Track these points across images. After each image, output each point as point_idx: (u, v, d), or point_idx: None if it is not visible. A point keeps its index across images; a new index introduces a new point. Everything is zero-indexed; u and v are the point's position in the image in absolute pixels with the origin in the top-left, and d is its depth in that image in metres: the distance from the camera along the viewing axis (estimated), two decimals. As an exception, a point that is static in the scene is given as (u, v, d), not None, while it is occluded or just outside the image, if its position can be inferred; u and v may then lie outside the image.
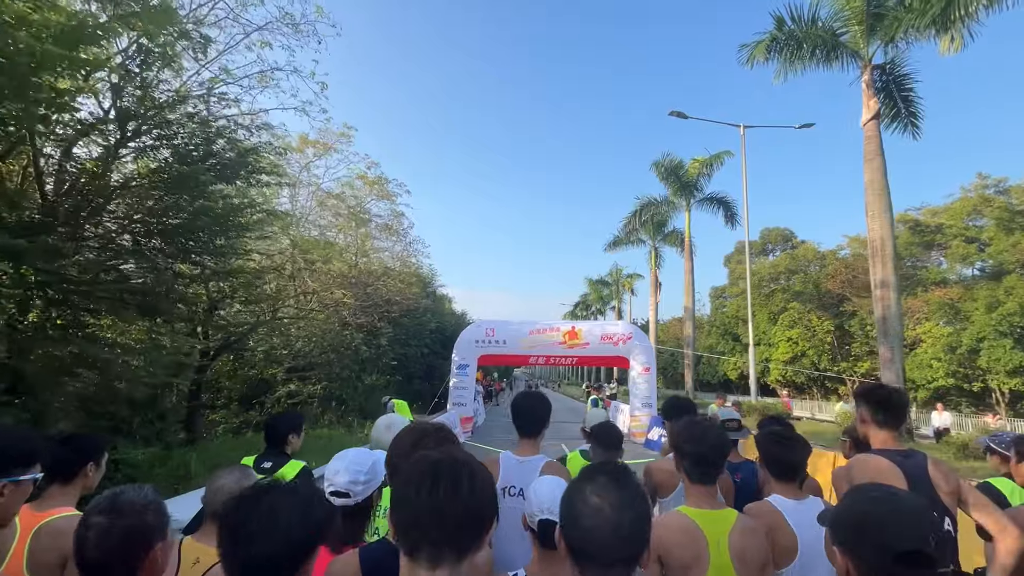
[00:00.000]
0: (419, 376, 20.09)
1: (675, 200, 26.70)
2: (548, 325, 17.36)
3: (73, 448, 1.93)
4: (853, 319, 32.08)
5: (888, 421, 2.21)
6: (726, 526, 1.73)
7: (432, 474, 1.00)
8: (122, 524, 1.23)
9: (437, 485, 0.98)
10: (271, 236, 13.32)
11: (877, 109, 12.44)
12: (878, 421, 2.22)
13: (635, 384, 16.71)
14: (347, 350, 14.31)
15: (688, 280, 25.66)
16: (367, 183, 19.53)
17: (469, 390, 17.14)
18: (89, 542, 1.21)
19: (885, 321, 12.25)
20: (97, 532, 1.21)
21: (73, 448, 1.93)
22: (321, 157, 18.42)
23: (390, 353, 15.29)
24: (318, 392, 14.09)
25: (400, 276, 16.45)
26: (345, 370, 14.54)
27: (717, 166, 25.30)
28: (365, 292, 14.59)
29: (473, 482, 1.02)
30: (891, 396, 2.26)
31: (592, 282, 54.97)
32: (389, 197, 22.07)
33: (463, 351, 17.13)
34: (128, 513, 1.25)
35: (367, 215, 19.45)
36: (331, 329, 14.24)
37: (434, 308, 22.31)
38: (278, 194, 13.56)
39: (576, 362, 17.92)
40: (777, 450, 2.15)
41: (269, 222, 9.95)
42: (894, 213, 12.82)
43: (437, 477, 1.00)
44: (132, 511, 1.26)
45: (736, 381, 51.20)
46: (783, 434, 2.25)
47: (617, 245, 32.87)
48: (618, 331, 17.11)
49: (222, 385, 15.94)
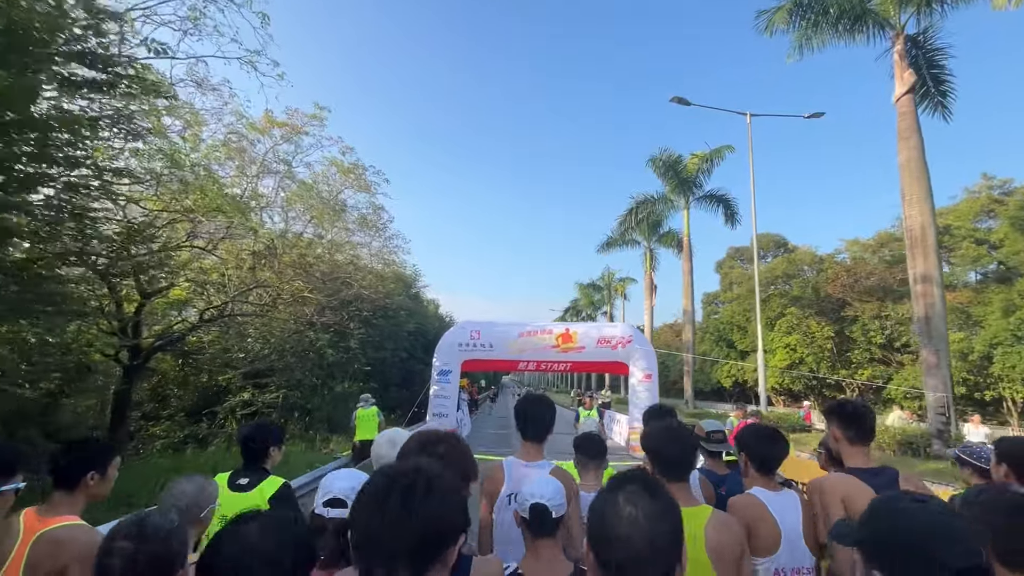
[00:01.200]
0: (396, 383, 18.25)
1: (673, 197, 25.30)
2: (540, 327, 15.69)
3: (74, 456, 1.91)
4: (855, 325, 30.84)
5: (858, 437, 2.22)
6: (701, 521, 1.77)
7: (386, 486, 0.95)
8: (147, 550, 1.22)
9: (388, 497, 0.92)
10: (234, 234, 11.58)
11: (912, 82, 11.05)
12: (848, 437, 2.23)
13: (635, 392, 15.08)
14: (310, 353, 12.50)
15: (687, 281, 24.21)
16: (341, 171, 17.77)
17: (451, 399, 15.38)
18: (114, 569, 1.19)
19: (928, 321, 10.73)
20: (123, 558, 1.20)
21: (74, 456, 1.91)
22: (290, 141, 16.63)
23: (361, 357, 13.47)
24: (276, 401, 12.24)
25: (372, 270, 14.72)
26: (309, 376, 12.71)
27: (717, 161, 23.99)
28: (333, 286, 12.81)
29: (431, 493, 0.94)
30: (858, 411, 2.27)
31: (583, 286, 53.38)
32: (367, 189, 20.35)
33: (445, 355, 15.39)
34: (153, 539, 1.24)
35: (342, 207, 17.68)
36: (292, 328, 12.43)
37: (414, 309, 20.49)
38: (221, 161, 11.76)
39: (570, 368, 16.23)
40: (760, 444, 2.28)
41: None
42: (934, 198, 11.33)
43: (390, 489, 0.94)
44: (157, 537, 1.25)
45: (730, 389, 49.94)
46: (765, 430, 2.39)
47: (611, 246, 31.40)
48: (617, 334, 15.47)
49: (169, 393, 14.03)
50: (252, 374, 13.23)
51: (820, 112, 18.48)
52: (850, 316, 31.35)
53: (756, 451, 2.28)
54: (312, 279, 12.00)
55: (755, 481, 2.25)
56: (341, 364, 13.15)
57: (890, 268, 29.78)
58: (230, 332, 13.10)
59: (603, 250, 31.40)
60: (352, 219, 20.49)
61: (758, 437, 2.33)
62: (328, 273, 12.83)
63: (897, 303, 28.39)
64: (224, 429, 12.89)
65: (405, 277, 24.05)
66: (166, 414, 13.17)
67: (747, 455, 2.32)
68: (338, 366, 13.14)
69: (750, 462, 2.30)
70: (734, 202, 24.76)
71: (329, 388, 13.81)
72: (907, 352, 27.73)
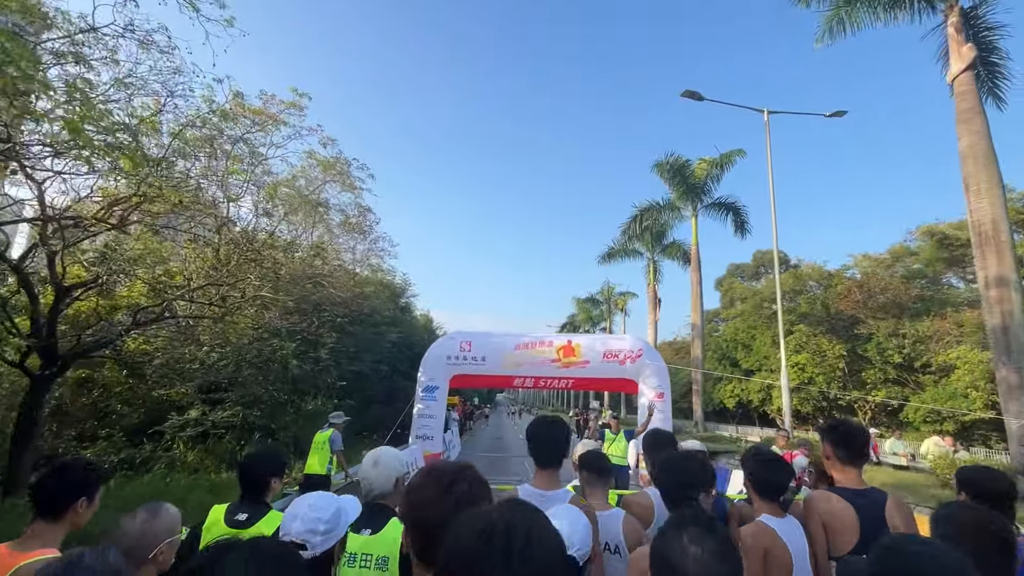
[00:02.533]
0: (379, 400, 16.39)
1: (680, 204, 23.84)
2: (539, 338, 13.98)
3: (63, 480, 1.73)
4: (869, 343, 29.20)
5: (849, 457, 2.23)
6: None
7: (485, 535, 0.85)
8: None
9: (489, 550, 0.83)
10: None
11: (972, 57, 9.59)
12: (839, 457, 2.25)
13: (646, 413, 13.30)
14: (273, 364, 10.73)
15: (695, 293, 22.59)
16: (322, 165, 16.15)
17: (438, 418, 13.57)
18: None
19: (1006, 332, 9.08)
20: None
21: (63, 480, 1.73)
22: (263, 130, 15.01)
23: (333, 370, 11.66)
24: (231, 420, 10.42)
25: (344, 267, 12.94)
26: (271, 391, 10.91)
27: (728, 167, 22.61)
28: (300, 288, 11.07)
29: (541, 545, 0.86)
30: (851, 432, 2.29)
31: (580, 301, 51.66)
32: (353, 189, 18.72)
33: (431, 369, 13.62)
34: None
35: (325, 205, 16.02)
36: (252, 335, 10.67)
37: (400, 319, 18.71)
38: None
39: (572, 385, 14.45)
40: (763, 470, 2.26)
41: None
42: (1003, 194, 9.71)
43: (490, 543, 0.84)
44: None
45: (733, 409, 48.03)
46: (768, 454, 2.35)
47: (612, 257, 29.85)
48: (625, 347, 13.75)
49: (112, 410, 12.16)
50: (207, 388, 11.42)
51: (842, 110, 17.12)
52: (863, 334, 29.72)
53: (759, 477, 2.26)
54: (276, 278, 10.27)
55: (762, 508, 2.22)
56: (309, 377, 11.35)
57: (906, 284, 28.28)
58: (184, 339, 11.31)
59: (604, 261, 29.83)
60: (336, 222, 18.89)
61: (761, 463, 2.30)
62: (296, 271, 11.09)
63: (914, 320, 26.84)
64: (171, 452, 11.06)
65: (393, 286, 22.34)
66: (104, 433, 11.32)
67: (751, 481, 2.30)
68: (306, 379, 11.33)
69: (753, 488, 2.28)
70: (744, 210, 23.29)
71: (297, 406, 11.98)
72: (927, 372, 26.07)
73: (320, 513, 1.49)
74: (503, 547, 0.82)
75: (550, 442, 2.33)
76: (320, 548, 1.47)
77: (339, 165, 16.22)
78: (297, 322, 11.00)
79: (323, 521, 1.48)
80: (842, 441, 2.26)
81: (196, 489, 8.95)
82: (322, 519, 1.48)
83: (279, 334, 10.96)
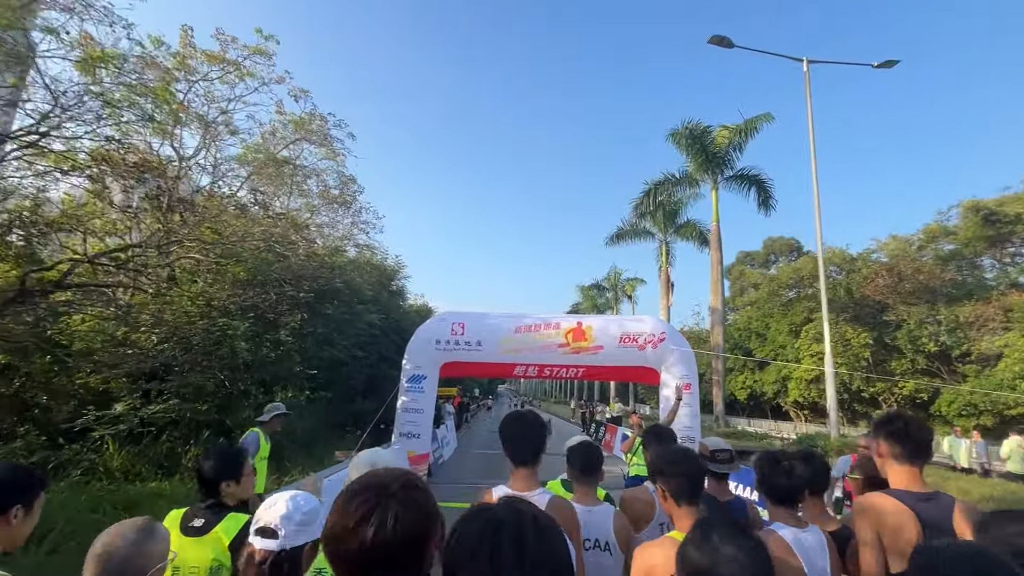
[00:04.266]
0: (360, 392, 14.41)
1: (698, 177, 21.65)
2: (543, 320, 11.95)
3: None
4: (899, 331, 27.07)
5: (908, 455, 1.95)
6: None
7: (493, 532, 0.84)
8: None
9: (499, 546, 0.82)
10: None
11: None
12: (896, 456, 1.97)
13: (670, 406, 11.28)
14: (221, 348, 8.75)
15: (716, 275, 20.48)
16: (294, 123, 14.06)
17: (426, 413, 11.61)
18: None
19: None
20: None
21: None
22: (221, 78, 12.94)
23: (295, 355, 9.66)
24: (165, 415, 8.46)
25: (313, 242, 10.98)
26: (219, 378, 8.93)
27: (752, 134, 20.35)
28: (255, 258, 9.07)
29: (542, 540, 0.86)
30: (910, 427, 1.99)
31: (584, 288, 49.47)
32: (334, 156, 16.64)
33: (418, 355, 11.64)
34: None
35: (291, 164, 13.96)
36: (193, 312, 8.69)
37: (388, 301, 16.67)
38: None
39: (583, 375, 12.42)
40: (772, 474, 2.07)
41: None
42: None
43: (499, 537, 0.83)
44: None
45: (744, 402, 46.08)
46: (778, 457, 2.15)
47: (621, 238, 27.67)
48: (645, 329, 11.70)
49: (37, 402, 10.22)
50: (147, 376, 9.46)
51: (893, 60, 14.91)
52: (892, 321, 27.61)
53: (768, 481, 2.08)
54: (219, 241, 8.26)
55: (776, 515, 2.04)
56: (267, 364, 9.36)
57: (942, 266, 26.09)
58: (118, 319, 9.33)
59: (612, 242, 27.67)
60: (315, 191, 16.85)
61: (770, 464, 2.10)
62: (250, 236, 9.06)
63: (952, 305, 24.68)
64: (100, 454, 9.12)
65: (382, 267, 20.29)
66: (23, 431, 9.39)
67: (760, 485, 2.12)
68: (263, 367, 9.35)
69: (763, 493, 2.10)
70: (769, 183, 21.10)
71: (256, 399, 10.01)
72: (967, 362, 23.95)
73: (300, 505, 1.37)
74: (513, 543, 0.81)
75: (523, 437, 2.17)
76: (290, 541, 1.32)
77: (314, 122, 14.18)
78: (250, 297, 9.01)
79: (302, 511, 1.36)
80: (901, 437, 1.94)
81: (103, 504, 7.02)
82: (301, 509, 1.36)
83: (229, 312, 8.98)
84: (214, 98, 12.95)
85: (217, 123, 12.67)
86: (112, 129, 8.58)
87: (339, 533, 0.87)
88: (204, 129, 12.37)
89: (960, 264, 25.86)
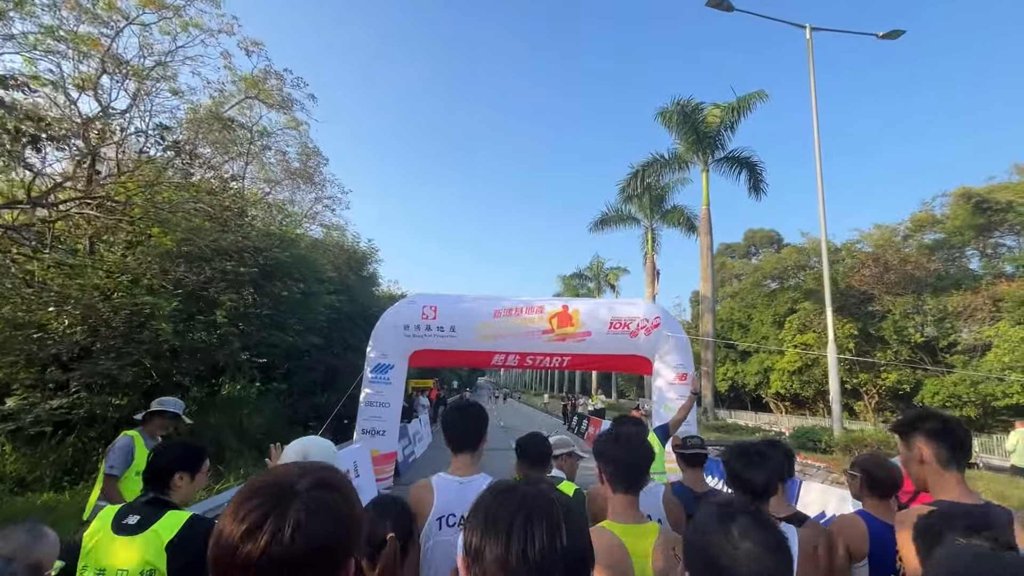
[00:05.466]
0: (320, 385, 12.98)
1: (687, 158, 20.60)
2: (525, 303, 10.70)
3: None
4: (884, 321, 26.65)
5: (955, 459, 1.68)
6: (650, 541, 1.63)
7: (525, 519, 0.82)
8: None
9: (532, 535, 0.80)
10: None
11: None
12: (943, 460, 1.68)
13: (663, 400, 10.13)
14: (144, 331, 7.27)
15: (706, 260, 19.50)
16: (246, 83, 12.44)
17: (393, 407, 10.29)
18: None
19: None
20: None
21: None
22: (159, 24, 11.29)
23: (234, 341, 8.17)
24: (68, 412, 6.96)
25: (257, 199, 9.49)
26: (147, 367, 7.46)
27: (744, 113, 19.35)
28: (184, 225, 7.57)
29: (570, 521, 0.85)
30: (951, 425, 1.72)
31: (566, 278, 48.34)
32: (297, 126, 15.03)
33: (384, 342, 10.30)
34: None
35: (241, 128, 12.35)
36: (98, 285, 7.17)
37: (355, 285, 15.19)
38: None
39: (569, 364, 11.20)
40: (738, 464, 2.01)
41: None
42: None
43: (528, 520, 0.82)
44: None
45: (725, 394, 45.76)
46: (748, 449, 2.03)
47: (605, 224, 26.61)
48: (638, 314, 10.55)
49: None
50: (51, 363, 7.90)
51: (899, 30, 13.97)
52: (878, 311, 27.16)
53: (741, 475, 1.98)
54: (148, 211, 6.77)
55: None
56: (202, 350, 7.89)
57: (928, 255, 25.67)
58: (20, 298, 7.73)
59: (596, 228, 26.59)
60: (273, 161, 15.23)
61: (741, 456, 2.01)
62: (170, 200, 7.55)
63: (939, 295, 24.26)
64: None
65: (354, 251, 18.73)
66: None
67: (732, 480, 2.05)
68: (194, 353, 7.87)
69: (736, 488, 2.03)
70: (761, 167, 20.19)
71: (187, 391, 8.54)
72: (955, 352, 23.57)
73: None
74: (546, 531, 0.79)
75: (463, 426, 2.21)
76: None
77: (269, 80, 12.58)
78: (179, 271, 7.53)
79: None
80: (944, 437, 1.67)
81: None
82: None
83: (153, 290, 7.49)
84: (152, 49, 11.31)
85: (153, 77, 11.02)
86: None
87: (225, 545, 0.70)
88: (137, 82, 10.72)
89: (949, 253, 25.44)
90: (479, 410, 2.31)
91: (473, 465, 2.20)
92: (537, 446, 2.58)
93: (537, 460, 2.54)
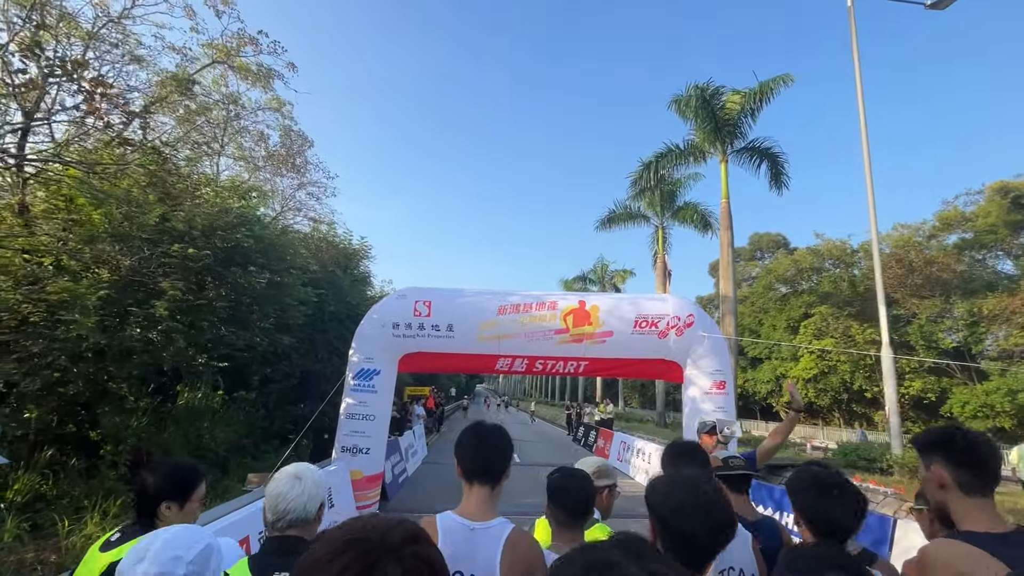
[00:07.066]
0: (301, 393, 11.38)
1: (704, 148, 19.13)
2: (535, 298, 9.17)
3: None
4: (909, 326, 25.11)
5: (978, 484, 1.38)
6: None
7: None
8: None
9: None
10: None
11: None
12: (963, 484, 1.39)
13: (697, 410, 8.55)
14: (56, 327, 5.73)
15: (726, 257, 17.99)
16: (217, 51, 10.95)
17: (379, 420, 8.72)
18: None
19: None
20: None
21: None
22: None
23: (180, 339, 6.57)
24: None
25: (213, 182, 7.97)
26: (73, 373, 5.90)
27: (766, 101, 17.92)
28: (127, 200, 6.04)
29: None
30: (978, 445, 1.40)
31: (568, 282, 46.79)
32: (279, 107, 13.56)
33: (369, 344, 8.76)
34: None
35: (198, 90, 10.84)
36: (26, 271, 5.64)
37: (336, 280, 13.62)
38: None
39: (586, 369, 9.59)
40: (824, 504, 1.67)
41: None
42: None
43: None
44: None
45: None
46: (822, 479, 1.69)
47: (613, 222, 25.08)
48: (667, 311, 9.01)
49: None
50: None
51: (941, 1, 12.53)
52: (903, 316, 25.65)
53: (809, 505, 1.70)
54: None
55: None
56: (133, 351, 6.33)
57: (957, 255, 24.20)
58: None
59: (603, 227, 25.07)
60: (249, 144, 13.72)
61: (809, 484, 1.70)
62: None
63: (970, 298, 22.77)
64: None
65: (343, 247, 17.17)
66: None
67: (801, 516, 1.78)
68: (126, 355, 6.31)
69: (808, 525, 1.74)
70: (783, 158, 18.73)
71: (126, 401, 6.95)
72: (989, 359, 22.04)
73: (180, 551, 1.08)
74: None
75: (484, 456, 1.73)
76: None
77: (241, 45, 11.08)
78: (107, 252, 5.99)
79: (185, 562, 1.05)
80: (967, 458, 1.38)
81: None
82: (183, 559, 1.06)
83: (75, 275, 5.97)
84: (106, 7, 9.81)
85: (105, 37, 9.53)
86: None
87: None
88: (86, 40, 9.22)
89: (983, 254, 23.99)
90: (503, 435, 1.84)
91: (489, 503, 1.73)
92: (581, 491, 1.94)
93: (578, 510, 1.93)
